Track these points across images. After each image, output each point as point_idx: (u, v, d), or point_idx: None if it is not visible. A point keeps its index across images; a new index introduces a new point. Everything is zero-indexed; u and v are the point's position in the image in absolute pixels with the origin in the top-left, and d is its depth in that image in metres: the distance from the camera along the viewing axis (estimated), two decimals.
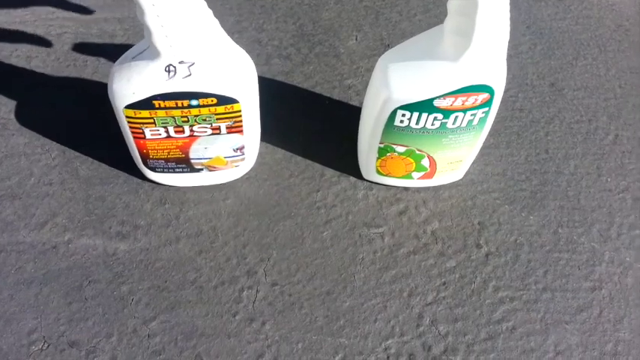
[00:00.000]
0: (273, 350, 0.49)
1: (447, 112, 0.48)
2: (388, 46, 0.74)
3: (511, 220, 0.57)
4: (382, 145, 0.54)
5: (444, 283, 0.53)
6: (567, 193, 0.59)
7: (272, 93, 0.68)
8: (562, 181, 0.60)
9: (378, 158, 0.56)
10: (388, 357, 0.49)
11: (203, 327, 0.50)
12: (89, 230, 0.56)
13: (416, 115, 0.49)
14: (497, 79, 0.47)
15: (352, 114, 0.66)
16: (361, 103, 0.67)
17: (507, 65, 0.72)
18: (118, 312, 0.51)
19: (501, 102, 0.67)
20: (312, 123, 0.65)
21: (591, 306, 0.52)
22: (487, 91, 0.47)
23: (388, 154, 0.55)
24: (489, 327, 0.50)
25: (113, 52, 0.70)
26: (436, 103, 0.47)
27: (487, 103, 0.48)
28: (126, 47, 0.51)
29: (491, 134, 0.64)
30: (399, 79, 0.48)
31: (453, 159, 0.55)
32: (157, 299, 0.52)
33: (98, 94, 0.62)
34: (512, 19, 0.78)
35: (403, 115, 0.49)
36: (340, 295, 0.52)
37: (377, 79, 0.51)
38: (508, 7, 0.42)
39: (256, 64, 0.73)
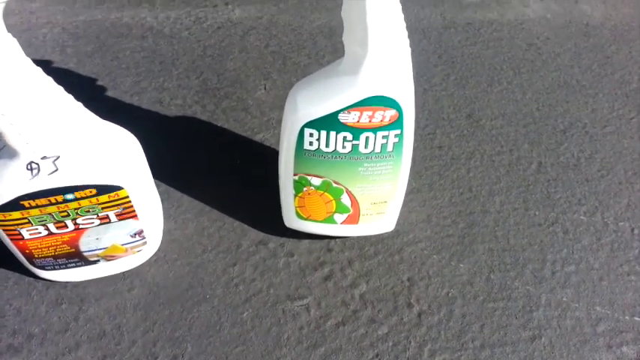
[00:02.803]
0: None
1: (355, 131, 0.46)
2: None
3: (441, 271, 0.54)
4: (297, 177, 0.51)
5: (377, 355, 0.49)
6: (496, 234, 0.57)
7: (177, 159, 0.63)
8: (489, 220, 0.58)
9: (295, 195, 0.52)
10: None
11: None
12: None
13: (324, 134, 0.46)
14: (402, 92, 0.44)
15: (266, 171, 0.61)
16: (274, 158, 0.63)
17: (422, 100, 0.70)
18: None
19: (419, 140, 0.65)
20: (223, 188, 0.60)
21: (532, 359, 0.48)
22: (393, 107, 0.44)
23: (305, 189, 0.51)
24: None
25: None
26: (342, 118, 0.45)
27: (397, 124, 0.45)
28: None
29: (412, 177, 0.61)
30: (304, 99, 0.47)
31: (376, 198, 0.52)
32: None
33: None
34: (422, 49, 0.76)
35: (311, 135, 0.47)
36: None
37: (286, 107, 0.49)
38: (402, 17, 0.41)
39: (159, 128, 0.68)
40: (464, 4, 0.84)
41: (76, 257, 0.50)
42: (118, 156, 0.45)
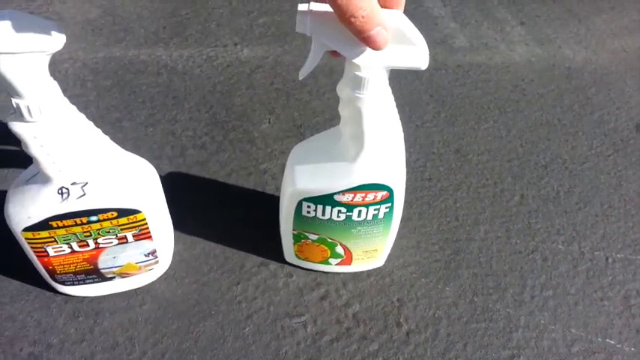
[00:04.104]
0: None
1: (349, 207, 0.50)
2: (301, 127, 0.76)
3: (428, 293, 0.58)
4: (296, 232, 0.55)
5: None
6: (479, 260, 0.61)
7: (188, 185, 0.68)
8: (474, 247, 0.62)
9: (294, 243, 0.57)
10: None
11: None
12: None
13: (320, 207, 0.50)
14: (395, 178, 0.49)
15: (269, 200, 0.66)
16: (277, 187, 0.68)
17: (414, 136, 0.76)
18: None
19: (411, 172, 0.70)
20: (229, 213, 0.65)
21: None
22: (385, 189, 0.49)
23: (303, 240, 0.56)
24: None
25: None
26: (336, 197, 0.49)
27: (388, 200, 0.50)
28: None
29: (404, 207, 0.65)
30: (302, 174, 0.50)
31: (368, 248, 0.56)
32: None
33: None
34: (415, 89, 0.82)
35: (309, 207, 0.51)
36: None
37: (287, 170, 0.53)
38: (396, 112, 0.45)
39: (171, 157, 0.74)
40: (454, 47, 0.91)
41: (94, 274, 0.55)
42: (137, 183, 0.50)
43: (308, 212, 0.51)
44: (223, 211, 0.65)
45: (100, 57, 0.85)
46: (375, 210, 0.50)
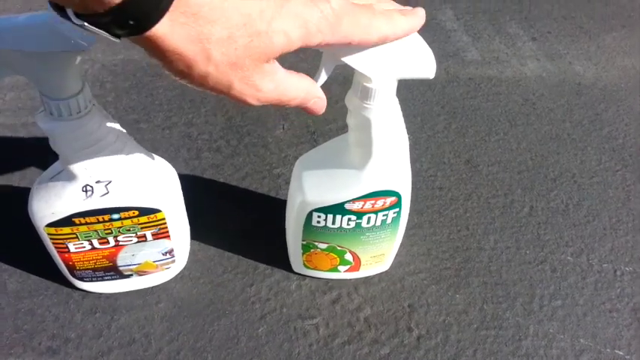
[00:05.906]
0: None
1: (359, 214, 0.51)
2: (314, 133, 0.77)
3: (439, 300, 0.59)
4: (305, 242, 0.56)
5: None
6: (490, 269, 0.62)
7: (203, 187, 0.70)
8: (484, 256, 0.63)
9: (303, 253, 0.58)
10: None
11: None
12: (18, 348, 0.54)
13: (330, 216, 0.52)
14: (402, 183, 0.50)
15: (282, 204, 0.67)
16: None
17: (425, 146, 0.77)
18: None
19: (422, 181, 0.71)
20: (243, 215, 0.67)
21: None
22: (394, 195, 0.50)
23: (312, 250, 0.57)
24: None
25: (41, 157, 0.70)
26: (347, 206, 0.50)
27: (396, 205, 0.51)
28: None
29: (415, 214, 0.67)
30: (311, 185, 0.51)
31: (375, 253, 0.57)
32: None
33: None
34: (427, 100, 0.84)
35: (319, 217, 0.52)
36: None
37: (294, 182, 0.53)
38: (402, 120, 0.46)
39: (187, 159, 0.75)
40: (466, 61, 0.92)
41: (112, 271, 0.56)
42: (158, 183, 0.51)
43: (318, 222, 0.52)
44: (237, 214, 0.67)
45: (118, 59, 0.87)
46: (383, 216, 0.52)
